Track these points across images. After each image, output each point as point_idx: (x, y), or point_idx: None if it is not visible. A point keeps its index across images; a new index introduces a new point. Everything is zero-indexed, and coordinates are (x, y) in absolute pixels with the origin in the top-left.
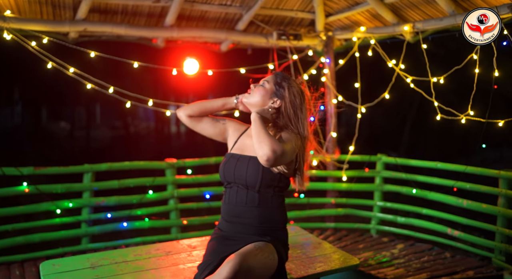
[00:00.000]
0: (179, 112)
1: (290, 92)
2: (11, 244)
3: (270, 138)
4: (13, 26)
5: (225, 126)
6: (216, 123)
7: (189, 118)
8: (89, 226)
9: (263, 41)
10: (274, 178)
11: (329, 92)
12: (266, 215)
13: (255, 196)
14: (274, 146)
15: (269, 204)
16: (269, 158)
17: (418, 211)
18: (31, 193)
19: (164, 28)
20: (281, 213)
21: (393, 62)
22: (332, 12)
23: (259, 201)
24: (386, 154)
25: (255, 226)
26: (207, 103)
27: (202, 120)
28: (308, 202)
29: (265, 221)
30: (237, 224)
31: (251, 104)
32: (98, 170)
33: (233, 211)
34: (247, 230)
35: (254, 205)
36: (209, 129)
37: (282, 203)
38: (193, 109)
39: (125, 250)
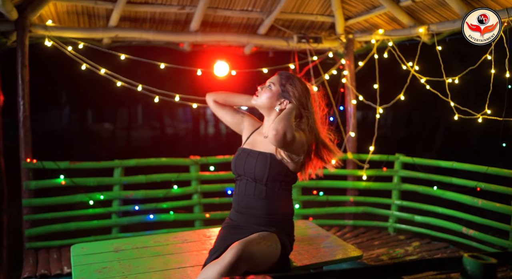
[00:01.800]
0: (208, 96)
1: (296, 92)
2: (50, 230)
3: (290, 123)
4: (53, 34)
5: (243, 120)
6: (235, 114)
7: (215, 103)
8: (118, 217)
9: (284, 44)
10: (281, 172)
11: (349, 93)
12: (273, 206)
13: (263, 188)
14: (288, 129)
15: (275, 196)
16: (278, 133)
17: (434, 210)
18: (67, 185)
19: (189, 33)
20: (287, 205)
21: (409, 64)
22: (351, 15)
23: (266, 194)
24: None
25: (261, 217)
26: (231, 96)
27: (224, 108)
28: (327, 199)
29: (271, 212)
30: (245, 214)
31: (259, 106)
32: (127, 166)
33: (242, 202)
34: (255, 220)
35: (261, 197)
36: (228, 118)
37: (288, 196)
38: (220, 97)
39: (147, 237)
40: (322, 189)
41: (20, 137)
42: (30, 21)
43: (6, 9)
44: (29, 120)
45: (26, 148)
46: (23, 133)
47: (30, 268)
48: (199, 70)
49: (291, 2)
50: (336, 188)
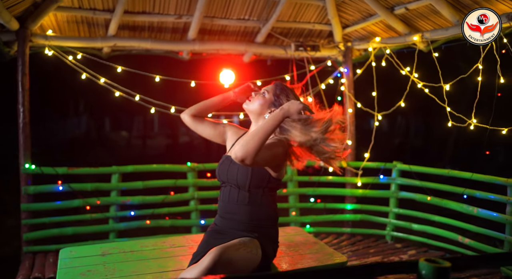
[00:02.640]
0: (183, 114)
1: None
2: (48, 235)
3: (256, 147)
4: (53, 43)
5: (225, 129)
6: (216, 125)
7: (193, 118)
8: (115, 223)
9: (282, 53)
10: (263, 179)
11: (347, 101)
12: (255, 212)
13: (246, 195)
14: (249, 156)
15: (258, 202)
16: (237, 158)
17: (431, 218)
18: (65, 190)
19: (187, 41)
20: (270, 211)
21: (407, 70)
22: (348, 24)
23: (249, 200)
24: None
25: (244, 223)
26: (208, 101)
27: (203, 122)
28: (324, 207)
29: (254, 218)
30: (229, 220)
31: (250, 110)
32: (125, 172)
33: (226, 208)
34: (238, 226)
35: (244, 203)
36: (209, 131)
37: (272, 202)
38: (196, 108)
39: (135, 241)
40: (320, 196)
41: (19, 143)
42: (31, 31)
43: (4, 19)
44: (28, 126)
45: (25, 153)
46: (23, 139)
47: (25, 271)
48: (193, 82)
49: (288, 10)
50: (334, 195)
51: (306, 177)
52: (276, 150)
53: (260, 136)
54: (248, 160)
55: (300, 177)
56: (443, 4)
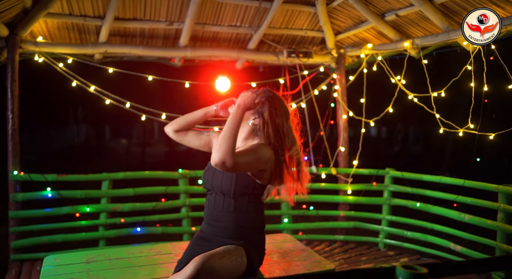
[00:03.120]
0: (166, 128)
1: (272, 112)
2: (36, 242)
3: (229, 147)
4: (43, 50)
5: (210, 138)
6: (201, 135)
7: (176, 133)
8: (105, 230)
9: (274, 59)
10: (248, 186)
11: (340, 107)
12: (241, 220)
13: (231, 202)
14: (226, 157)
15: (244, 209)
16: (216, 165)
17: (423, 225)
18: (54, 197)
19: (179, 48)
20: (256, 219)
21: (397, 78)
22: (340, 30)
23: (234, 207)
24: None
25: (230, 230)
26: (189, 115)
27: (187, 134)
28: (317, 214)
29: (239, 226)
30: (215, 227)
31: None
32: (115, 178)
33: (211, 215)
34: (223, 233)
35: (230, 211)
36: (195, 142)
37: (258, 209)
38: (178, 123)
39: (122, 248)
40: (313, 203)
41: (8, 150)
42: (20, 37)
43: None
44: (17, 133)
45: (14, 160)
46: (12, 146)
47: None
48: (187, 83)
49: (280, 17)
50: (327, 202)
51: None
52: (260, 153)
53: (228, 135)
54: (229, 162)
55: None
56: (432, 11)
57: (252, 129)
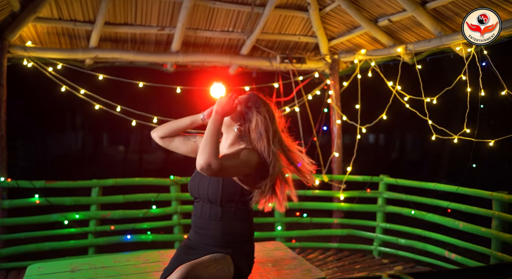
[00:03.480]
0: (153, 133)
1: (258, 117)
2: (23, 251)
3: (212, 149)
4: (32, 54)
5: (196, 144)
6: (187, 141)
7: (162, 139)
8: (95, 237)
9: (267, 65)
10: (235, 193)
11: (334, 113)
12: (229, 228)
13: (218, 210)
14: (211, 159)
15: (231, 217)
16: (202, 168)
17: (418, 233)
18: (42, 204)
19: (170, 53)
20: (245, 226)
21: (390, 84)
22: (334, 36)
23: (222, 215)
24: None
25: (217, 238)
26: (176, 123)
27: (174, 140)
28: (311, 221)
29: (227, 234)
30: (202, 235)
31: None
32: (105, 185)
33: (198, 223)
34: (211, 241)
35: (217, 218)
36: (181, 148)
37: (246, 216)
38: (164, 130)
39: (108, 257)
40: (306, 211)
41: None
42: (9, 42)
43: None
44: (5, 139)
45: (1, 166)
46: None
47: None
48: (178, 88)
49: (272, 22)
50: (321, 209)
51: None
52: (246, 156)
53: (209, 139)
54: (214, 163)
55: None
56: (424, 16)
57: (238, 135)
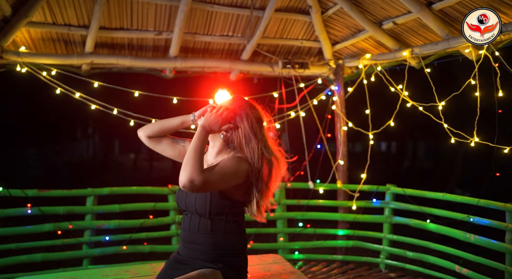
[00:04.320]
0: (139, 132)
1: (245, 122)
2: (14, 262)
3: (196, 165)
4: (26, 60)
5: (185, 148)
6: (175, 145)
7: (149, 139)
8: (90, 248)
9: (269, 70)
10: (225, 205)
11: (338, 119)
12: (219, 241)
13: (208, 223)
14: (193, 175)
15: (222, 230)
16: (185, 186)
17: (426, 246)
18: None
19: (168, 59)
20: (236, 239)
21: (399, 88)
22: (337, 40)
23: (211, 228)
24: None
25: (207, 253)
26: (165, 122)
27: (161, 142)
28: (314, 232)
29: (217, 248)
30: (191, 250)
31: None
32: (100, 194)
33: (187, 237)
34: (200, 256)
35: (206, 232)
36: (168, 151)
37: (237, 229)
38: (153, 129)
39: (96, 270)
40: (310, 221)
41: None
42: (1, 48)
43: None
44: None
45: None
46: None
47: None
48: (175, 99)
49: (273, 27)
50: (325, 220)
51: (295, 201)
52: (235, 166)
53: (192, 155)
54: (197, 179)
55: (288, 200)
56: (430, 18)
57: (225, 141)
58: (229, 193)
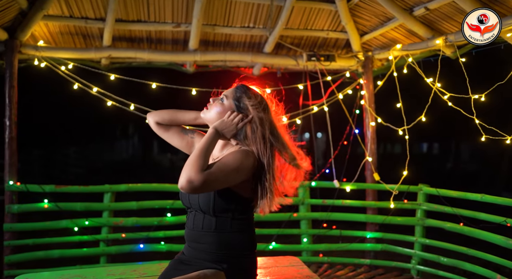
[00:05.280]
0: (149, 117)
1: (251, 108)
2: (32, 258)
3: (197, 165)
4: (44, 54)
5: (193, 141)
6: (184, 135)
7: (157, 125)
8: (106, 246)
9: (293, 63)
10: (230, 201)
11: (367, 115)
12: (224, 240)
13: (212, 220)
14: (192, 175)
15: (227, 228)
16: (182, 187)
17: (464, 251)
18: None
19: (187, 52)
20: (243, 238)
21: (430, 80)
22: (366, 30)
23: (216, 226)
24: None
25: (212, 253)
26: (178, 113)
27: (170, 130)
28: (340, 234)
29: (222, 248)
30: (196, 249)
31: (207, 121)
32: (118, 191)
33: (191, 236)
34: (205, 256)
35: (210, 230)
36: (176, 140)
37: (245, 227)
38: (163, 116)
39: (102, 269)
40: (336, 222)
41: (5, 158)
42: (20, 41)
43: None
44: (15, 141)
45: (11, 170)
46: (8, 155)
47: None
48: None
49: (297, 17)
50: (353, 221)
51: (320, 200)
52: (240, 161)
53: (198, 154)
54: (196, 180)
55: (312, 200)
56: (468, 1)
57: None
58: (235, 188)
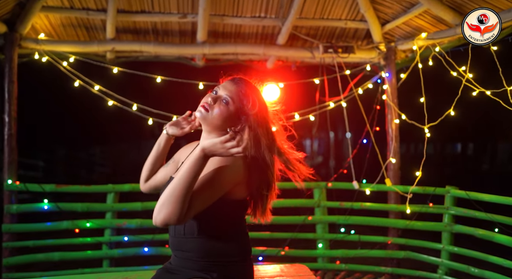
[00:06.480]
0: (142, 188)
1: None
2: (31, 260)
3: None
4: (45, 48)
5: (176, 164)
6: (166, 167)
7: (146, 183)
8: (109, 249)
9: (308, 56)
10: (214, 203)
11: (389, 111)
12: (210, 247)
13: (193, 224)
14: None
15: (214, 232)
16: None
17: (495, 262)
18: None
19: (195, 44)
20: (233, 244)
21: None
22: (388, 19)
23: (198, 230)
24: None
25: (197, 261)
26: (148, 159)
27: (156, 178)
28: (359, 239)
29: (208, 255)
30: (181, 258)
31: (208, 121)
32: (121, 191)
33: (175, 244)
34: (192, 265)
35: (193, 236)
36: (166, 178)
37: (234, 230)
38: (144, 172)
39: (93, 275)
40: (354, 227)
41: (4, 156)
42: (20, 35)
43: None
44: (15, 138)
45: (10, 168)
46: (8, 152)
47: None
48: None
49: (312, 6)
50: (373, 226)
51: (337, 203)
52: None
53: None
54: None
55: (329, 202)
56: None
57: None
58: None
